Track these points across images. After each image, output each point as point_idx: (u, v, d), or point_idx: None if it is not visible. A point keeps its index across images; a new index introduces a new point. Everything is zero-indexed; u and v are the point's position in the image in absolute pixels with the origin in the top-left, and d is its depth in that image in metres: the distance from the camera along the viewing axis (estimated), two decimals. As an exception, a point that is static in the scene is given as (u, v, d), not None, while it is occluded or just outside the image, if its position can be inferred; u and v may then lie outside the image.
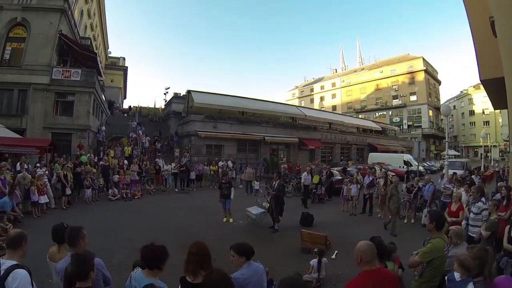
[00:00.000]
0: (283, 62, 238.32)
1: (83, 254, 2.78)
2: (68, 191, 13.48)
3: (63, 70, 21.46)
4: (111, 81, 45.76)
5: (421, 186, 12.16)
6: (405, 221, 11.69)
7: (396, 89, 62.40)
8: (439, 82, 67.54)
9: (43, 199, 12.01)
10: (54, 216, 11.13)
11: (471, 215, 6.83)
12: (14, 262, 2.83)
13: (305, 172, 16.05)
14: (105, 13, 40.35)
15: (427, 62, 61.47)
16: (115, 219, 11.43)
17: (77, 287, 2.57)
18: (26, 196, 11.62)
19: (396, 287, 3.01)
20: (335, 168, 20.54)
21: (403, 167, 28.67)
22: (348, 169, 22.29)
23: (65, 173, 13.62)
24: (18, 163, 12.99)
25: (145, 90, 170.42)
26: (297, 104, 58.95)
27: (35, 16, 21.36)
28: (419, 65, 59.79)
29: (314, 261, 6.15)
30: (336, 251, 7.80)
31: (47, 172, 13.54)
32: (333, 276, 6.37)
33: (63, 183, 13.40)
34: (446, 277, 3.55)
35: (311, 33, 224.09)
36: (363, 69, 73.14)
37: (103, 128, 24.70)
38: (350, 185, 13.79)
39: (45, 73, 20.67)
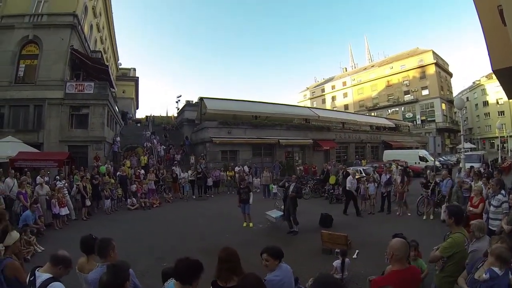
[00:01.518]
0: (293, 64, 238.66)
1: (119, 264, 2.77)
2: (88, 202, 13.69)
3: (76, 84, 21.81)
4: (123, 92, 46.12)
5: (438, 181, 11.87)
6: (424, 217, 11.45)
7: (407, 85, 61.41)
8: (450, 75, 66.21)
9: (64, 211, 12.17)
10: (75, 227, 11.30)
11: (491, 208, 6.64)
12: (50, 276, 2.90)
13: (350, 177, 13.49)
14: (113, 26, 40.83)
15: (437, 55, 60.43)
16: (135, 228, 11.47)
17: None
18: (48, 208, 11.77)
19: (418, 285, 3.13)
20: (351, 168, 20.27)
21: (419, 163, 28.31)
22: (363, 168, 21.92)
23: (85, 185, 13.85)
24: (38, 177, 13.07)
25: (157, 99, 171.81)
26: (309, 105, 58.70)
27: (46, 33, 21.81)
28: (429, 59, 58.78)
29: (337, 262, 6.10)
30: (357, 251, 7.77)
31: (66, 184, 13.83)
32: (355, 275, 6.33)
33: (82, 195, 13.61)
34: (486, 276, 3.28)
35: (318, 33, 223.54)
36: (372, 66, 72.30)
37: (118, 138, 24.89)
38: (367, 184, 13.64)
39: (59, 88, 21.06)
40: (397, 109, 63.10)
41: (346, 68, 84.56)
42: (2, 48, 21.31)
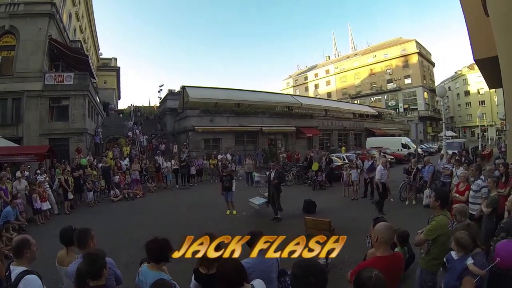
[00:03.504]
0: (276, 53, 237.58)
1: (95, 252, 2.82)
2: (70, 196, 13.52)
3: (55, 75, 21.29)
4: (104, 83, 45.33)
5: (419, 167, 12.19)
6: (407, 203, 11.80)
7: (390, 73, 62.14)
8: (433, 64, 67.26)
9: (46, 206, 12.00)
10: (58, 221, 11.07)
11: (471, 193, 6.86)
12: (24, 268, 2.86)
13: (380, 165, 11.59)
14: (93, 15, 39.87)
15: (420, 45, 61.19)
16: (119, 220, 11.52)
17: (91, 286, 2.59)
18: (29, 203, 11.69)
19: (401, 273, 3.10)
20: (333, 155, 20.44)
21: (401, 150, 28.93)
22: (346, 155, 22.28)
23: (66, 178, 13.66)
24: (18, 172, 12.93)
25: (138, 89, 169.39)
26: (292, 93, 58.82)
27: (23, 22, 21.10)
28: (412, 48, 59.56)
29: None
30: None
31: (47, 178, 13.55)
32: (340, 260, 6.44)
33: (64, 188, 13.45)
34: (444, 259, 3.64)
35: (302, 22, 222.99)
36: (356, 54, 72.59)
37: (100, 130, 24.68)
38: (350, 170, 13.85)
39: (37, 79, 20.51)
40: (380, 97, 63.70)
41: (329, 57, 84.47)
42: None
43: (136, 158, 19.06)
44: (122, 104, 57.38)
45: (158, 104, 41.39)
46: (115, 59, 54.60)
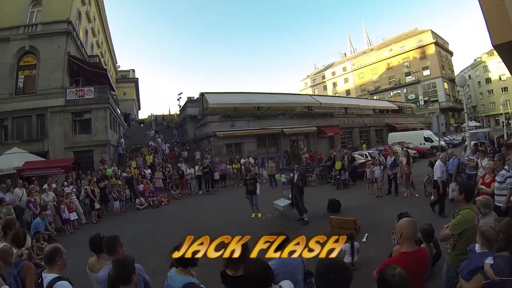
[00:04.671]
0: (292, 54, 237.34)
1: (124, 259, 2.84)
2: (97, 205, 13.87)
3: (76, 90, 21.91)
4: (124, 94, 46.18)
5: None
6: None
7: (408, 66, 60.57)
8: (451, 53, 65.17)
9: (73, 216, 12.35)
10: (86, 230, 11.32)
11: (496, 184, 6.47)
12: (55, 275, 2.95)
13: (439, 161, 10.13)
14: (109, 30, 40.78)
15: (436, 34, 59.50)
16: (145, 227, 11.53)
17: None
18: (57, 213, 12.10)
19: (426, 269, 3.08)
20: (356, 153, 19.99)
21: (424, 143, 28.18)
22: (368, 152, 21.84)
23: (92, 189, 14.03)
24: (46, 184, 13.24)
25: (158, 98, 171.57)
26: (311, 93, 58.36)
27: (42, 42, 21.86)
28: (428, 38, 57.92)
29: (346, 246, 6.07)
30: (366, 234, 7.71)
31: (74, 189, 13.92)
32: (365, 259, 6.33)
33: (91, 198, 13.80)
34: (469, 248, 3.43)
35: (315, 22, 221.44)
36: (372, 49, 71.32)
37: (122, 140, 25.03)
38: (372, 167, 13.53)
39: (59, 95, 21.16)
40: (399, 91, 62.25)
41: (345, 54, 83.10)
42: (0, 62, 21.35)
43: (159, 167, 19.16)
44: (143, 114, 58.15)
45: (178, 112, 41.60)
46: (133, 70, 55.49)
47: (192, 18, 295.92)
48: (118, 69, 51.50)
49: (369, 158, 18.39)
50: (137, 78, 53.51)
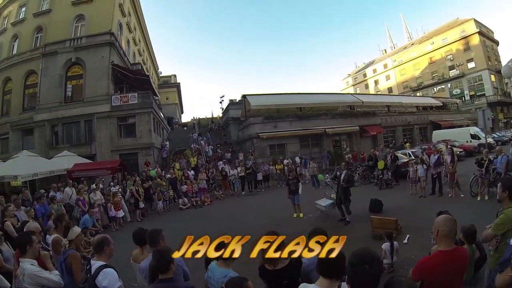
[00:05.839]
0: (331, 53, 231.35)
1: (163, 249, 3.01)
2: (141, 205, 14.36)
3: (121, 96, 22.89)
4: (166, 99, 47.44)
5: (492, 158, 10.82)
6: (478, 198, 10.49)
7: (451, 59, 56.78)
8: (496, 43, 60.46)
9: (119, 214, 12.98)
10: (130, 228, 11.52)
11: None
12: (103, 263, 3.22)
13: None
14: (149, 38, 42.20)
15: (480, 23, 55.56)
16: (187, 226, 11.66)
17: (160, 278, 2.81)
18: (104, 211, 12.82)
19: (464, 269, 2.91)
20: (399, 152, 19.12)
21: (471, 141, 26.47)
22: (411, 151, 20.89)
23: (137, 189, 14.50)
24: (93, 184, 14.04)
25: (200, 102, 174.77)
26: (352, 92, 57.06)
27: (87, 53, 23.35)
28: (471, 28, 53.97)
29: (386, 245, 5.97)
30: (407, 235, 7.52)
31: (120, 189, 14.57)
32: (406, 260, 6.14)
33: (136, 198, 14.28)
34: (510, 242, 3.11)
35: (353, 18, 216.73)
36: (412, 44, 68.08)
37: (167, 143, 25.69)
38: (416, 166, 12.91)
39: (105, 102, 22.24)
40: (443, 86, 58.67)
41: (385, 50, 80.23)
42: (50, 73, 23.13)
43: (202, 168, 19.30)
44: (185, 118, 59.23)
45: (220, 115, 42.09)
46: (175, 75, 56.92)
47: (229, 21, 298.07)
48: (160, 75, 53.16)
49: (413, 157, 17.69)
50: (179, 83, 54.83)
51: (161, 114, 30.21)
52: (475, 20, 53.66)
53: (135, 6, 32.60)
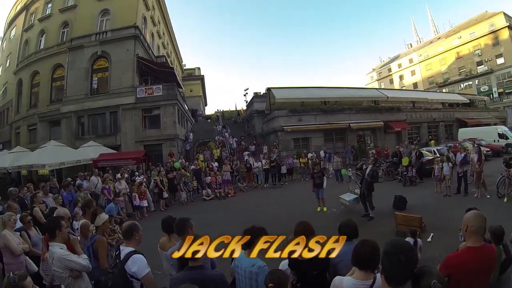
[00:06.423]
0: (355, 47, 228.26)
1: (198, 236, 2.93)
2: (165, 195, 14.45)
3: (145, 88, 23.12)
4: (190, 91, 47.70)
5: None
6: (505, 200, 10.00)
7: (480, 54, 54.25)
8: None
9: (144, 203, 13.08)
10: (154, 217, 11.93)
11: None
12: (132, 249, 3.27)
13: None
14: (173, 30, 42.56)
15: (510, 17, 52.39)
16: (211, 216, 11.70)
17: (191, 265, 2.83)
18: (129, 200, 13.01)
19: (493, 266, 2.88)
20: (424, 149, 18.59)
21: (498, 140, 25.35)
22: (437, 148, 20.27)
23: (161, 179, 14.54)
24: (118, 174, 14.13)
25: (224, 94, 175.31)
26: (377, 87, 55.85)
27: (113, 46, 23.83)
28: (500, 22, 51.25)
29: (409, 239, 5.82)
30: (431, 234, 7.38)
31: (144, 179, 14.74)
32: (429, 259, 5.94)
33: (160, 188, 14.31)
34: None
35: (378, 12, 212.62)
36: (439, 38, 65.81)
37: (191, 135, 25.94)
38: (441, 164, 12.49)
39: (130, 94, 22.52)
40: (470, 82, 56.29)
41: (411, 44, 78.12)
42: (76, 67, 23.77)
43: (226, 160, 19.29)
44: (209, 110, 59.93)
45: (244, 108, 42.12)
46: (199, 68, 57.39)
47: (253, 13, 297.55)
48: (184, 68, 53.68)
49: (438, 155, 17.11)
50: (203, 75, 55.11)
51: (186, 106, 30.39)
52: (504, 14, 51.12)
53: (159, 0, 32.85)
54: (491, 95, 51.54)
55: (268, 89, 28.42)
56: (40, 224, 6.71)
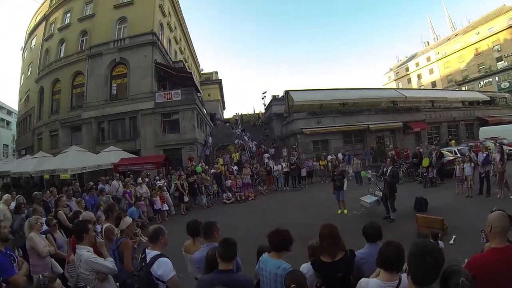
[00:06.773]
0: (372, 47, 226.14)
1: (232, 239, 3.04)
2: (186, 199, 14.59)
3: (164, 93, 23.24)
4: (209, 95, 48.11)
5: None
6: None
7: (499, 50, 52.35)
8: None
9: (165, 207, 13.26)
10: (175, 220, 12.21)
11: None
12: (158, 252, 3.31)
13: None
14: (189, 36, 42.99)
15: None
16: (232, 220, 11.70)
17: (221, 269, 2.84)
18: (150, 204, 13.13)
19: None
20: (444, 149, 18.14)
21: None
22: (457, 148, 19.73)
23: (182, 183, 14.68)
24: (139, 178, 14.31)
25: (242, 98, 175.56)
26: (395, 87, 54.99)
27: (131, 53, 24.12)
28: None
29: None
30: (454, 236, 7.24)
31: (165, 183, 14.89)
32: (452, 262, 5.53)
33: (180, 192, 14.45)
34: None
35: (392, 10, 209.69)
36: (456, 35, 64.09)
37: (210, 139, 26.05)
38: (462, 165, 12.14)
39: (149, 99, 22.71)
40: (490, 79, 54.34)
41: (428, 42, 76.48)
42: (96, 73, 24.20)
43: (246, 163, 19.29)
44: (227, 114, 59.70)
45: (263, 111, 42.14)
46: (216, 72, 57.51)
47: (267, 16, 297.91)
48: (202, 72, 53.93)
49: (458, 155, 16.76)
50: (220, 80, 55.38)
51: (204, 110, 30.54)
52: (523, 6, 49.71)
53: (174, 6, 33.15)
54: (512, 91, 49.90)
55: (287, 92, 28.44)
56: (64, 227, 6.88)
